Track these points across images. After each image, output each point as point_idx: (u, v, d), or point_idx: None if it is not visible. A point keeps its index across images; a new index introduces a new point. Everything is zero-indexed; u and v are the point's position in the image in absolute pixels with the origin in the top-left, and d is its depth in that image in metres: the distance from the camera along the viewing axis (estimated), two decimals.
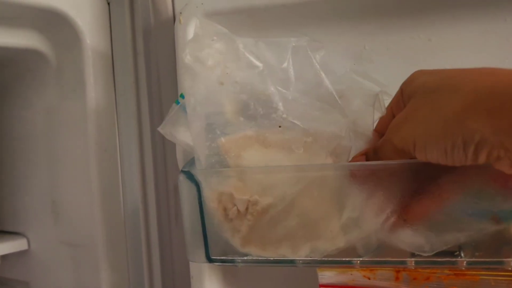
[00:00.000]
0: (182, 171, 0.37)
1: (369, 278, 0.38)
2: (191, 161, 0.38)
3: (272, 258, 0.37)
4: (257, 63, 0.35)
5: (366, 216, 0.35)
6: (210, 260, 0.37)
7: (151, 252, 0.52)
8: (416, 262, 0.35)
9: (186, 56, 0.36)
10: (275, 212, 0.36)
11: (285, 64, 0.35)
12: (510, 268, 0.34)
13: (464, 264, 0.35)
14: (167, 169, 0.50)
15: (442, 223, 0.34)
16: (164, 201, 0.51)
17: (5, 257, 0.58)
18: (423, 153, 0.29)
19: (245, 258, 0.37)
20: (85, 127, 0.51)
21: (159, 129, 0.38)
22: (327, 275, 0.39)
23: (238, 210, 0.36)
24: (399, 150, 0.31)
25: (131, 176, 0.52)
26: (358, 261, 0.36)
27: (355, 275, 0.39)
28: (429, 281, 0.37)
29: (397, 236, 0.35)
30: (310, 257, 0.36)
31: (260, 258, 0.37)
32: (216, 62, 0.37)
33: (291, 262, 0.37)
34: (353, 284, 0.39)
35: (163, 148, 0.50)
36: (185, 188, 0.37)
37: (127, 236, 0.53)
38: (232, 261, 0.38)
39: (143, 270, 0.53)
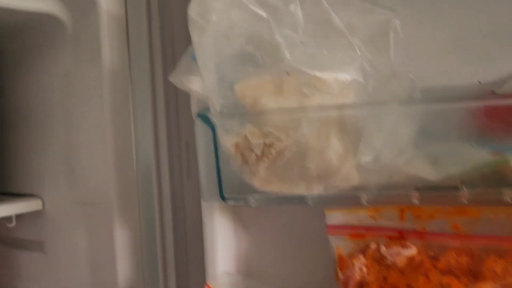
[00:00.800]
0: (199, 115, 0.39)
1: (374, 219, 0.40)
2: (206, 110, 0.39)
3: (285, 197, 0.39)
4: (261, 12, 0.37)
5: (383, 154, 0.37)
6: (223, 198, 0.39)
7: (163, 208, 0.54)
8: (421, 196, 0.37)
9: (192, 12, 0.37)
10: (290, 154, 0.38)
11: (292, 6, 0.37)
12: (509, 200, 0.36)
13: (466, 196, 0.37)
14: (180, 127, 0.51)
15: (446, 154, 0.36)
16: (176, 157, 0.52)
17: (19, 217, 0.60)
18: None
19: (257, 196, 0.39)
20: (100, 90, 0.53)
21: (170, 78, 0.40)
22: (334, 216, 0.41)
23: (256, 155, 0.38)
24: None
25: (144, 135, 0.54)
26: (365, 196, 0.38)
27: (361, 216, 0.40)
28: (433, 219, 0.38)
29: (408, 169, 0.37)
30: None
31: (271, 196, 0.39)
32: (221, 16, 0.38)
33: (301, 199, 0.39)
34: (360, 224, 0.40)
35: (176, 107, 0.52)
36: (201, 131, 0.39)
37: (139, 193, 0.55)
38: (244, 199, 0.39)
39: (155, 226, 0.55)
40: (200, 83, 0.39)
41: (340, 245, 0.41)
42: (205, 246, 0.46)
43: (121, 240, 0.54)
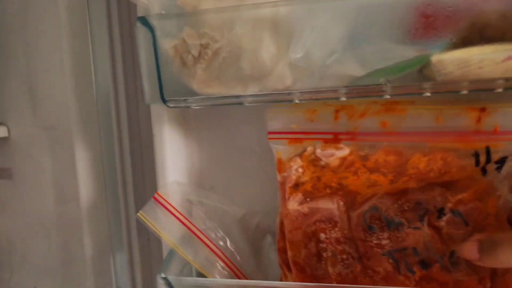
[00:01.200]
0: (138, 18, 0.40)
1: (311, 120, 0.41)
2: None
3: (221, 96, 0.40)
4: None
5: (314, 53, 0.38)
6: (164, 101, 0.41)
7: (121, 128, 0.56)
8: (348, 91, 0.38)
9: None
10: (225, 54, 0.39)
11: None
12: (429, 94, 0.38)
13: (389, 92, 0.38)
14: (134, 50, 0.52)
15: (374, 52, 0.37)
16: (131, 80, 0.54)
17: None
18: None
19: (196, 97, 0.40)
20: (57, 12, 0.53)
21: None
22: (274, 117, 0.42)
23: (193, 56, 0.40)
24: None
25: (102, 59, 0.55)
26: (298, 93, 0.40)
27: (299, 118, 0.41)
28: (364, 117, 0.40)
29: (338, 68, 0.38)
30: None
31: (209, 97, 0.40)
32: None
33: (238, 100, 0.40)
34: (298, 129, 0.42)
35: (130, 28, 0.52)
36: (141, 34, 0.40)
37: (99, 115, 0.56)
38: (184, 101, 0.41)
39: (114, 145, 0.56)
40: None
41: (280, 149, 0.42)
42: (155, 157, 0.48)
43: (83, 160, 0.56)
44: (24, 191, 0.62)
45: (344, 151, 0.40)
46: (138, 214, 0.45)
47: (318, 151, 0.41)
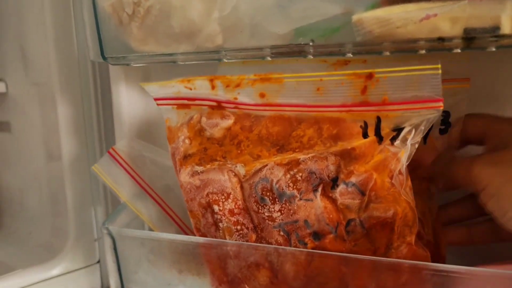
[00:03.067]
0: None
1: (190, 89, 0.40)
2: None
3: (155, 54, 0.41)
4: None
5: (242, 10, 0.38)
6: (104, 58, 0.42)
7: (96, 86, 0.58)
8: (272, 50, 0.38)
9: None
10: (156, 12, 0.40)
11: None
12: (350, 55, 0.37)
13: (311, 52, 0.37)
14: None
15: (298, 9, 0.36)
16: None
17: None
18: (488, 199, 0.33)
19: (133, 55, 0.42)
20: None
21: None
22: (152, 89, 0.42)
23: (127, 14, 0.41)
24: (463, 179, 0.34)
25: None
26: (226, 53, 0.40)
27: (178, 87, 0.40)
28: (240, 87, 0.38)
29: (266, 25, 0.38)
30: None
31: (146, 55, 0.42)
32: None
33: (171, 56, 0.41)
34: (180, 96, 0.41)
35: None
36: None
37: (80, 74, 0.59)
38: (123, 59, 0.42)
39: (91, 103, 0.59)
40: None
41: (169, 116, 0.42)
42: (113, 115, 0.50)
43: (65, 116, 0.59)
44: (21, 144, 0.67)
45: (229, 120, 0.39)
46: (92, 167, 0.47)
47: (204, 119, 0.40)
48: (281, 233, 0.37)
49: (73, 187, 0.61)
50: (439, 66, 0.30)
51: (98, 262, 0.62)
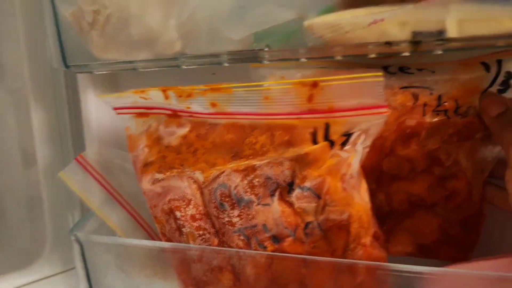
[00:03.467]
0: None
1: (146, 99, 0.40)
2: None
3: (116, 61, 0.42)
4: None
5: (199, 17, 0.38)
6: (67, 66, 0.43)
7: (68, 92, 0.58)
8: (229, 56, 0.38)
9: None
10: (116, 20, 0.40)
11: None
12: (304, 59, 0.37)
13: (267, 57, 0.38)
14: None
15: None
16: None
17: None
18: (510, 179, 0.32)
19: (95, 63, 0.42)
20: None
21: None
22: (111, 100, 0.42)
23: (88, 22, 0.41)
24: (505, 149, 0.34)
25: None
26: (184, 60, 0.40)
27: (134, 97, 0.41)
28: (192, 97, 0.38)
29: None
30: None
31: (107, 62, 0.42)
32: None
33: (131, 63, 0.41)
34: (137, 105, 0.41)
35: None
36: (45, 1, 0.42)
37: (53, 80, 0.59)
38: (86, 66, 0.43)
39: (65, 109, 0.59)
40: None
41: (129, 125, 0.42)
42: (83, 122, 0.50)
43: (39, 123, 0.59)
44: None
45: (185, 128, 0.40)
46: (59, 174, 0.48)
47: (161, 128, 0.41)
48: (241, 237, 0.38)
49: (50, 193, 0.61)
50: (381, 73, 0.30)
51: None
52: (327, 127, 0.34)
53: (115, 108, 0.42)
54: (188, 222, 0.40)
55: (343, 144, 0.34)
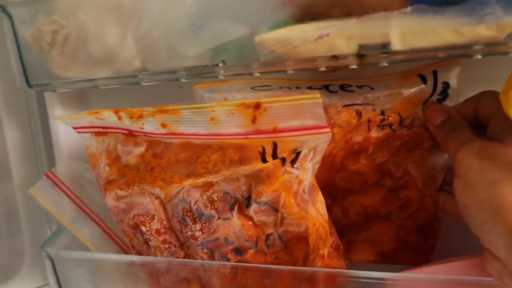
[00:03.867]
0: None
1: (101, 119, 0.41)
2: None
3: (78, 80, 0.42)
4: None
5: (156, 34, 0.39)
6: (29, 85, 0.43)
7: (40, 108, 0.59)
8: (186, 72, 0.39)
9: None
10: (74, 39, 0.41)
11: None
12: (258, 74, 0.38)
13: (222, 73, 0.38)
14: None
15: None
16: None
17: None
18: (457, 187, 0.32)
19: (57, 81, 0.43)
20: None
21: None
22: (69, 121, 0.43)
23: (47, 42, 0.41)
24: (451, 156, 0.33)
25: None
26: (143, 77, 0.41)
27: (90, 118, 0.41)
28: (143, 118, 0.39)
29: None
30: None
31: (69, 81, 0.42)
32: None
33: (92, 81, 0.42)
34: (94, 125, 0.43)
35: None
36: (3, 22, 0.43)
37: (26, 99, 0.59)
38: (48, 85, 0.43)
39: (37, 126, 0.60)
40: None
41: (89, 143, 0.43)
42: (52, 139, 0.51)
43: (12, 139, 0.59)
44: None
45: (141, 147, 0.41)
46: (29, 190, 0.48)
47: (119, 147, 0.42)
48: (205, 250, 0.39)
49: (27, 207, 0.61)
50: (319, 95, 0.32)
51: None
52: (275, 146, 0.35)
53: (74, 128, 0.43)
54: (154, 236, 0.41)
55: (293, 161, 0.34)
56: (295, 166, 0.35)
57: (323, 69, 0.35)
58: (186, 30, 0.39)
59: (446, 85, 0.37)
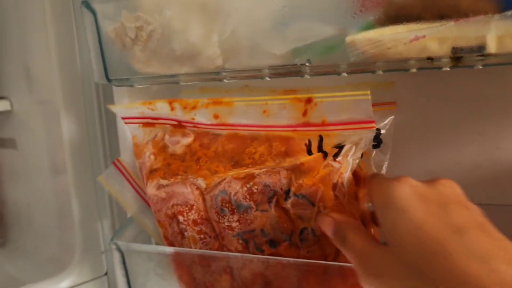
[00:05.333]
0: (82, 2, 0.43)
1: (153, 110, 0.44)
2: None
3: (158, 75, 0.43)
4: None
5: (240, 33, 0.40)
6: (109, 80, 0.44)
7: (100, 104, 0.60)
8: (271, 71, 0.40)
9: None
10: (158, 36, 0.42)
11: None
12: (345, 74, 0.39)
13: (308, 72, 0.39)
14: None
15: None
16: None
17: None
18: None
19: (137, 77, 0.44)
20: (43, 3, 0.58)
21: None
22: (119, 110, 0.46)
23: (130, 38, 0.43)
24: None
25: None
26: (226, 74, 0.42)
27: (142, 108, 0.45)
28: (196, 109, 0.42)
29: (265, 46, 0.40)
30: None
31: (149, 76, 0.44)
32: None
33: (173, 77, 0.43)
34: (144, 116, 0.45)
35: None
36: (86, 17, 0.44)
37: (84, 92, 0.61)
38: (127, 80, 0.44)
39: (95, 121, 0.61)
40: None
41: (135, 133, 0.46)
42: (118, 133, 0.52)
43: (69, 133, 0.61)
44: (27, 160, 0.70)
45: (189, 138, 0.44)
46: (98, 178, 0.49)
47: (167, 137, 0.45)
48: (240, 241, 0.42)
49: (79, 201, 0.63)
50: (369, 92, 0.35)
51: (106, 274, 0.64)
52: (320, 139, 0.38)
53: (123, 118, 0.46)
54: (190, 226, 0.43)
55: (335, 155, 0.37)
56: (337, 159, 0.37)
57: (414, 70, 0.36)
58: (271, 29, 0.39)
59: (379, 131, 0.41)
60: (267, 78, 0.41)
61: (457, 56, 0.34)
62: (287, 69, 0.40)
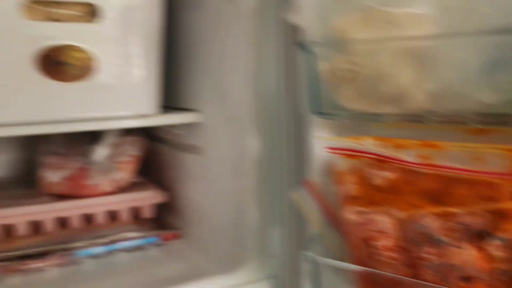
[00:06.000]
0: (300, 45, 0.50)
1: (360, 145, 0.50)
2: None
3: (363, 113, 0.49)
4: None
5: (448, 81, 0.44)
6: (321, 114, 0.51)
7: (281, 126, 0.67)
8: (478, 118, 0.43)
9: None
10: (369, 78, 0.47)
11: None
12: None
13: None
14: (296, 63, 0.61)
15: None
16: (291, 87, 0.64)
17: (187, 127, 0.80)
18: None
19: (345, 112, 0.50)
20: (241, 28, 0.68)
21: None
22: (330, 142, 0.52)
23: (342, 78, 0.49)
24: None
25: (270, 66, 0.66)
26: (429, 117, 0.46)
27: (349, 143, 0.51)
28: (403, 148, 0.47)
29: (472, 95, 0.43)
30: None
31: (356, 113, 0.49)
32: None
33: (377, 116, 0.48)
34: (349, 148, 0.51)
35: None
36: (303, 59, 0.51)
37: (267, 112, 0.69)
38: (336, 115, 0.51)
39: (276, 139, 0.68)
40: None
41: (339, 162, 0.52)
42: (304, 151, 0.58)
43: (252, 146, 0.70)
44: (211, 166, 0.81)
45: (391, 172, 0.49)
46: (290, 195, 0.56)
47: (369, 169, 0.50)
48: (433, 272, 0.45)
49: (255, 206, 0.70)
50: None
51: (275, 277, 0.71)
52: None
53: (330, 148, 0.52)
54: (383, 251, 0.48)
55: None
56: None
57: None
58: (481, 76, 0.42)
59: None
60: (473, 125, 0.44)
61: None
62: (496, 118, 0.42)
